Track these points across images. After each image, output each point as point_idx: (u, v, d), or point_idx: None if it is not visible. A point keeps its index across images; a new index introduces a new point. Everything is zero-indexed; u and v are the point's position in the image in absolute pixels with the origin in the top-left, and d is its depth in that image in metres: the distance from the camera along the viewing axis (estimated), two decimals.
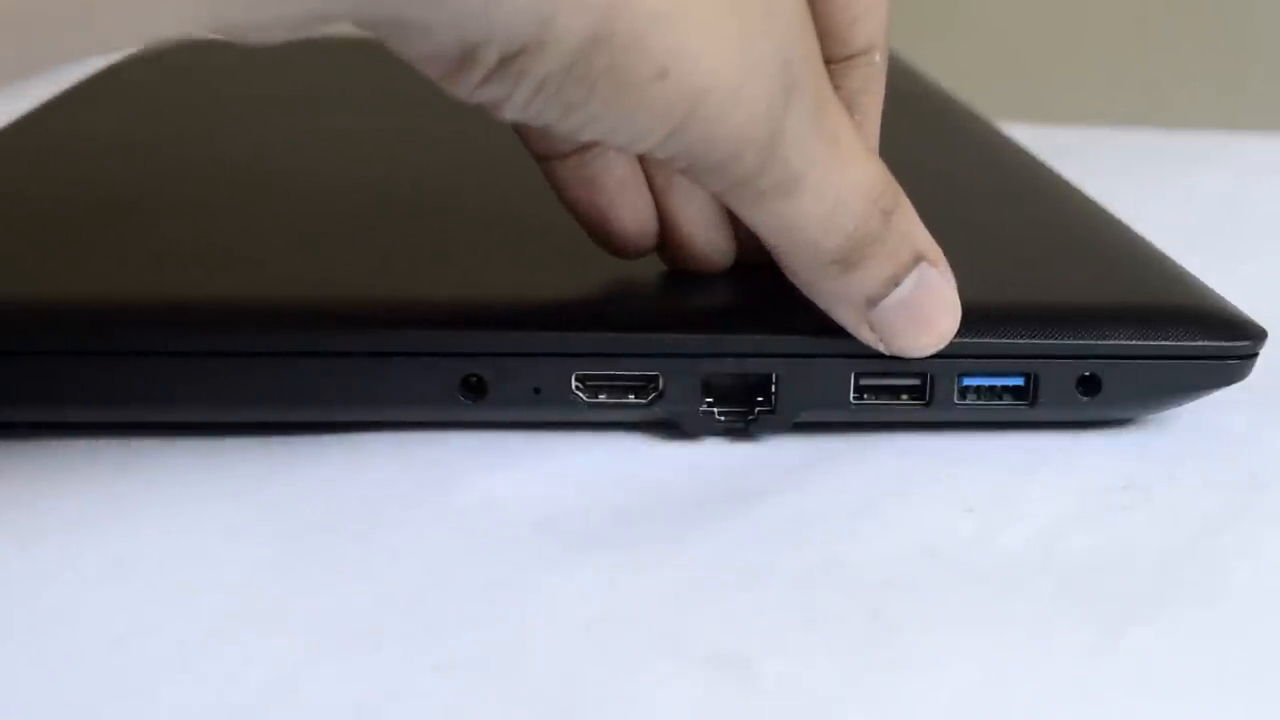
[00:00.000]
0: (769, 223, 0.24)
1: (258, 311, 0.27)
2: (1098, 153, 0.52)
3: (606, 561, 0.24)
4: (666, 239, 0.28)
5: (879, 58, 0.26)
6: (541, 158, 0.27)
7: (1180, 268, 0.31)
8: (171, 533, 0.24)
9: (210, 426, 0.27)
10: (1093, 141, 0.56)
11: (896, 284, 0.25)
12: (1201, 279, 0.30)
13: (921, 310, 0.26)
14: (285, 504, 0.25)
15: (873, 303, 0.25)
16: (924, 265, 0.25)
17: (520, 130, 0.27)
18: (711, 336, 0.27)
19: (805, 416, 0.28)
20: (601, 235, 0.28)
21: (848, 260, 0.25)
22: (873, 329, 0.26)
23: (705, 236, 0.28)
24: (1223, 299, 0.29)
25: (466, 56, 0.21)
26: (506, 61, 0.21)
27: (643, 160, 0.27)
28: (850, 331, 0.26)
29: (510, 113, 0.22)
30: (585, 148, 0.27)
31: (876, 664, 0.21)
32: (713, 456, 0.28)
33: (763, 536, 0.25)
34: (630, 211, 0.27)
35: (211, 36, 0.20)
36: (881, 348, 0.26)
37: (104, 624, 0.21)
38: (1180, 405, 0.29)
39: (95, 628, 0.21)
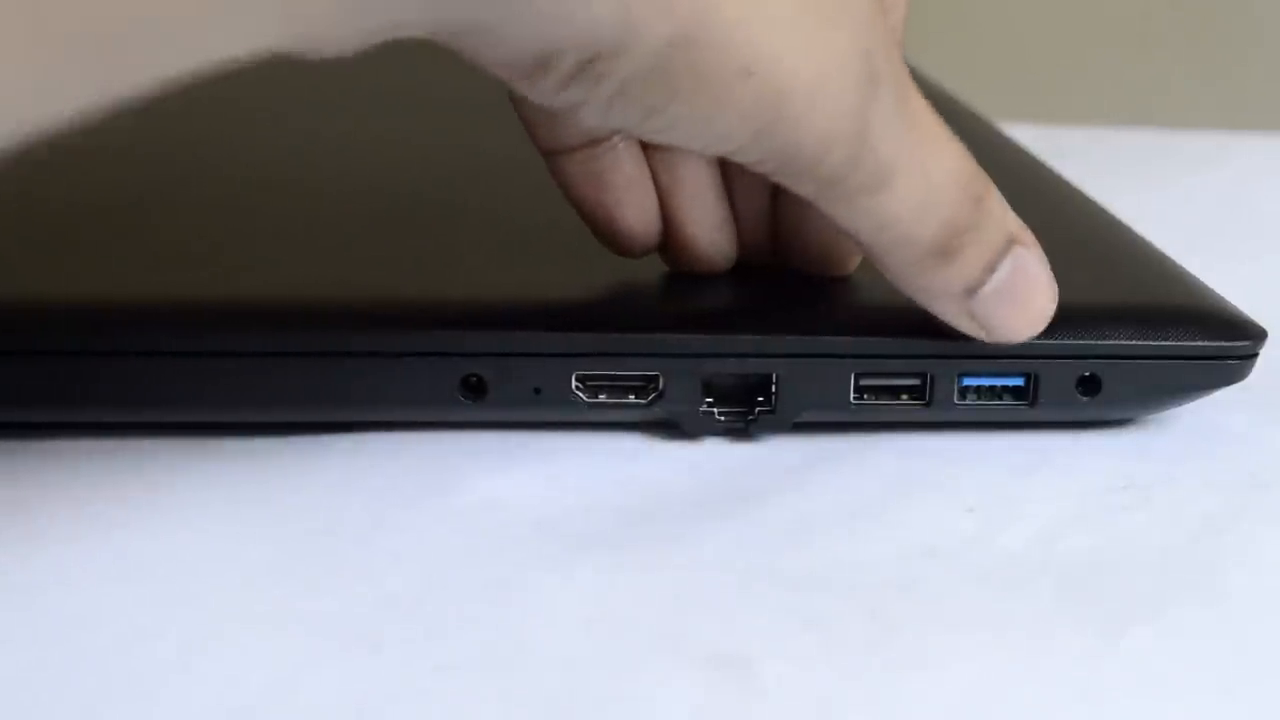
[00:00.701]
0: (863, 221, 0.24)
1: (258, 312, 0.27)
2: (1098, 153, 0.52)
3: (606, 561, 0.24)
4: (669, 240, 0.28)
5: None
6: (549, 152, 0.27)
7: (1180, 268, 0.31)
8: (171, 534, 0.24)
9: (211, 426, 0.27)
10: (1093, 141, 0.56)
11: (993, 270, 0.25)
12: (1201, 279, 0.30)
13: (1020, 293, 0.25)
14: (285, 505, 0.25)
15: (971, 292, 0.25)
16: (1018, 248, 0.25)
17: (528, 124, 0.27)
18: (711, 336, 0.27)
19: (805, 416, 0.28)
20: (607, 233, 0.28)
21: (945, 251, 0.24)
22: (973, 318, 0.26)
23: (709, 238, 0.28)
24: (1223, 299, 0.29)
25: (542, 62, 0.21)
26: (585, 66, 0.21)
27: (649, 160, 0.27)
28: (950, 323, 0.26)
29: (591, 116, 0.22)
30: (594, 142, 0.27)
31: (876, 664, 0.21)
32: (713, 456, 0.28)
33: (763, 536, 0.25)
34: (636, 210, 0.27)
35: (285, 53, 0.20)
36: (983, 336, 0.26)
37: (104, 626, 0.21)
38: (1180, 405, 0.29)
39: (95, 630, 0.21)
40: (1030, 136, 0.43)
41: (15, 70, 0.15)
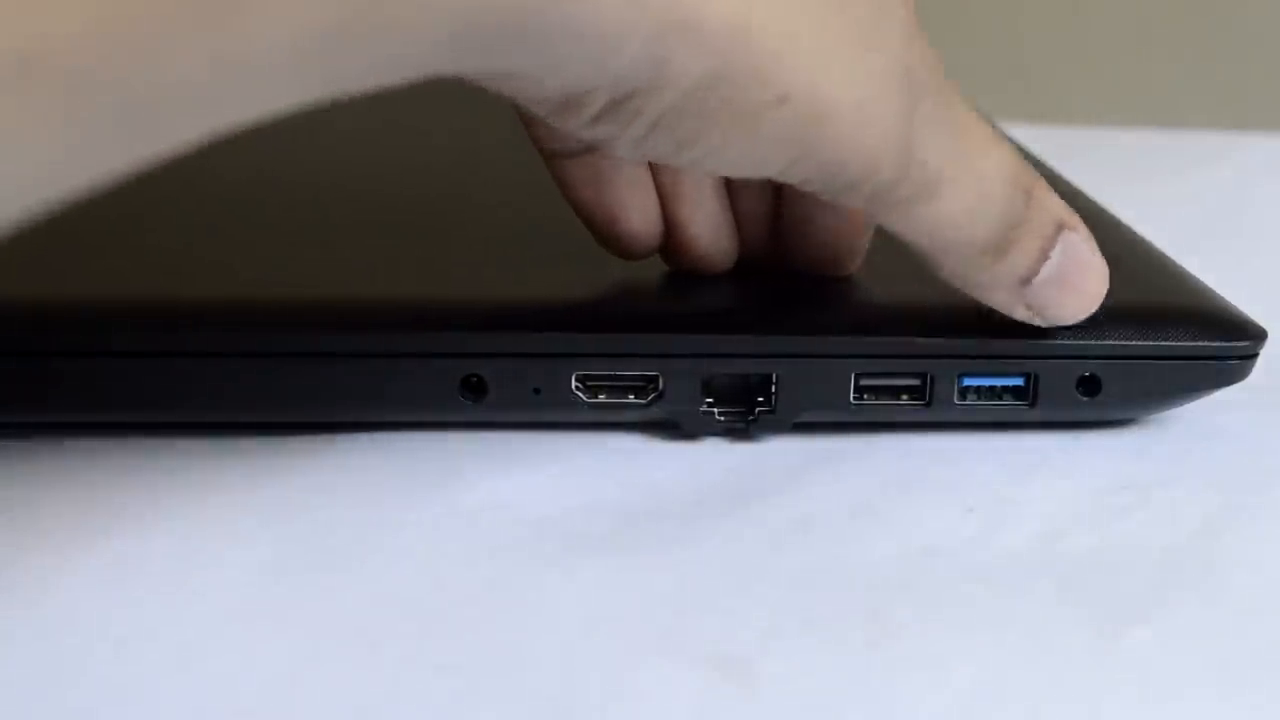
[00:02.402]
0: (916, 227, 0.24)
1: (258, 312, 0.27)
2: (1098, 153, 0.52)
3: (606, 561, 0.24)
4: (671, 241, 0.28)
5: None
6: (550, 155, 0.27)
7: (1180, 268, 0.31)
8: (171, 534, 0.24)
9: (211, 426, 0.27)
10: (1093, 141, 0.56)
11: (1046, 258, 0.25)
12: (1201, 279, 0.30)
13: (1072, 278, 0.26)
14: (285, 505, 0.25)
15: (1026, 281, 0.26)
16: (1066, 233, 0.26)
17: (530, 126, 0.27)
18: (711, 336, 0.27)
19: (805, 416, 0.28)
20: (609, 235, 0.28)
21: (999, 247, 0.25)
22: (1028, 307, 0.26)
23: (710, 239, 0.28)
24: (1223, 299, 0.29)
25: (574, 101, 0.21)
26: (618, 104, 0.21)
27: (652, 163, 0.27)
28: (1005, 312, 0.26)
29: (624, 148, 0.22)
30: (596, 146, 0.27)
31: (876, 664, 0.21)
32: (713, 456, 0.28)
33: (763, 536, 0.25)
34: (638, 213, 0.27)
35: None
36: (1038, 322, 0.26)
37: (104, 626, 0.21)
38: (1180, 405, 0.29)
39: (95, 630, 0.21)
40: (1030, 136, 0.43)
41: (49, 144, 0.15)
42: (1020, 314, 0.26)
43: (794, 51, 0.21)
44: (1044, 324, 0.26)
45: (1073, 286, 0.26)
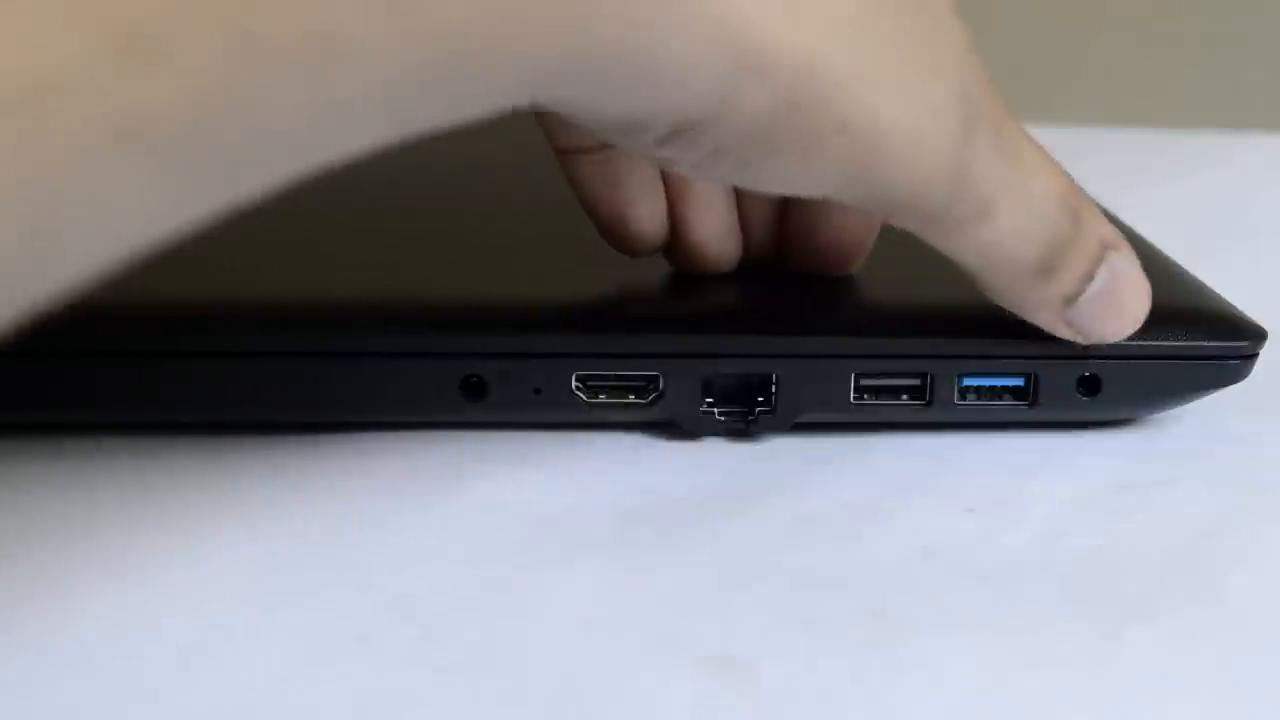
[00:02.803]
0: (967, 247, 0.24)
1: (258, 312, 0.27)
2: (1098, 153, 0.52)
3: (606, 561, 0.24)
4: (676, 242, 0.28)
5: None
6: (562, 151, 0.27)
7: (1180, 268, 0.31)
8: (171, 534, 0.24)
9: (210, 426, 0.27)
10: (1093, 141, 0.56)
11: (1091, 279, 0.25)
12: (1201, 279, 0.30)
13: (1115, 298, 0.26)
14: (285, 505, 0.25)
15: (1070, 301, 0.26)
16: (1111, 253, 0.26)
17: (544, 122, 0.27)
18: (711, 336, 0.27)
19: (805, 416, 0.28)
20: (617, 232, 0.28)
21: (1047, 267, 0.25)
22: (1070, 326, 0.26)
23: (717, 241, 0.28)
24: (1222, 299, 0.29)
25: (635, 127, 0.21)
26: (681, 130, 0.21)
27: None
28: (1047, 331, 0.26)
29: (685, 170, 0.22)
30: (610, 144, 0.27)
31: (876, 664, 0.21)
32: (713, 456, 0.28)
33: (763, 537, 0.25)
34: (647, 211, 0.27)
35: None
36: (1080, 340, 0.26)
37: (103, 626, 0.21)
38: (1180, 405, 0.29)
39: (94, 630, 0.21)
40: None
41: (148, 197, 0.16)
42: (1063, 333, 0.26)
43: (857, 82, 0.21)
44: (1085, 342, 0.26)
45: (1116, 307, 0.26)
